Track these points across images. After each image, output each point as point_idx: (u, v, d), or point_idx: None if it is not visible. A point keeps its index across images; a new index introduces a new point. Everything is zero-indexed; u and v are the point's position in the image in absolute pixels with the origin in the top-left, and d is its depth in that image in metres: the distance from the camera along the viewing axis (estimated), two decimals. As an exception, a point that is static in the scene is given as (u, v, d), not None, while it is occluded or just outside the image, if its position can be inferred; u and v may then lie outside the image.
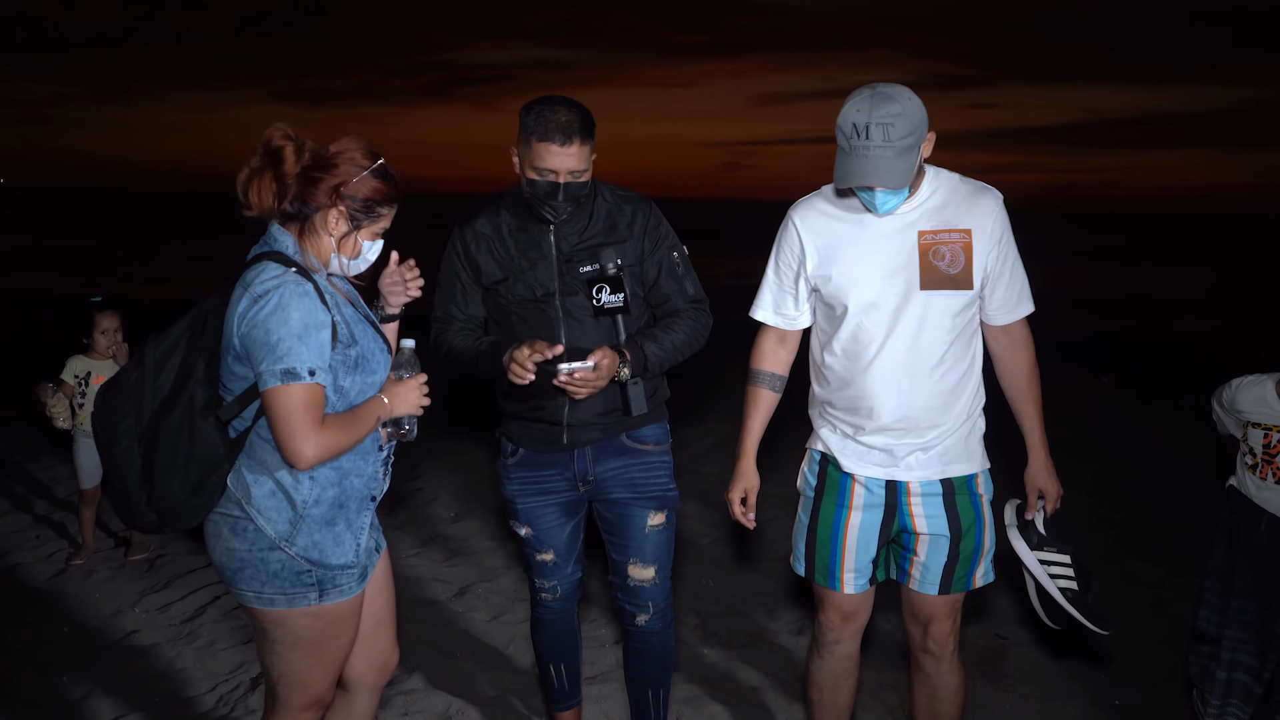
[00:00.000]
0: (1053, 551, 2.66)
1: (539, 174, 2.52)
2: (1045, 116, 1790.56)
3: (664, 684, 2.93)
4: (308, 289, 2.05)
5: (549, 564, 2.83)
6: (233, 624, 3.93)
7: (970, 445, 2.59)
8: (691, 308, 2.73)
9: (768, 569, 4.69)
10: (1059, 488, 2.65)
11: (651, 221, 2.69)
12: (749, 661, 3.78)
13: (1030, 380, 2.61)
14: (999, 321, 2.56)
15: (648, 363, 2.60)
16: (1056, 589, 2.64)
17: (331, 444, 2.05)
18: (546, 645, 2.97)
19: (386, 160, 2.17)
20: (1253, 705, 2.96)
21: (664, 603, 2.83)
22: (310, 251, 2.14)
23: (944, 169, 2.53)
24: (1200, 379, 9.35)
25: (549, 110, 2.49)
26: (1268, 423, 2.91)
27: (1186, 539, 5.03)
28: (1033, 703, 3.54)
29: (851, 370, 2.55)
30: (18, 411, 6.43)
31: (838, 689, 2.79)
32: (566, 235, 2.63)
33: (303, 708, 2.26)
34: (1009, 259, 2.50)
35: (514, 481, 2.78)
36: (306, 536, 2.12)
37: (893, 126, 2.26)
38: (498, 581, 4.44)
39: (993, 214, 2.46)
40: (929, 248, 2.45)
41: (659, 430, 2.79)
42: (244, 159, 2.12)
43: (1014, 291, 2.53)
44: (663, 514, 2.77)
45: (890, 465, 2.57)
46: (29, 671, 3.54)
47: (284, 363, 1.98)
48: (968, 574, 2.61)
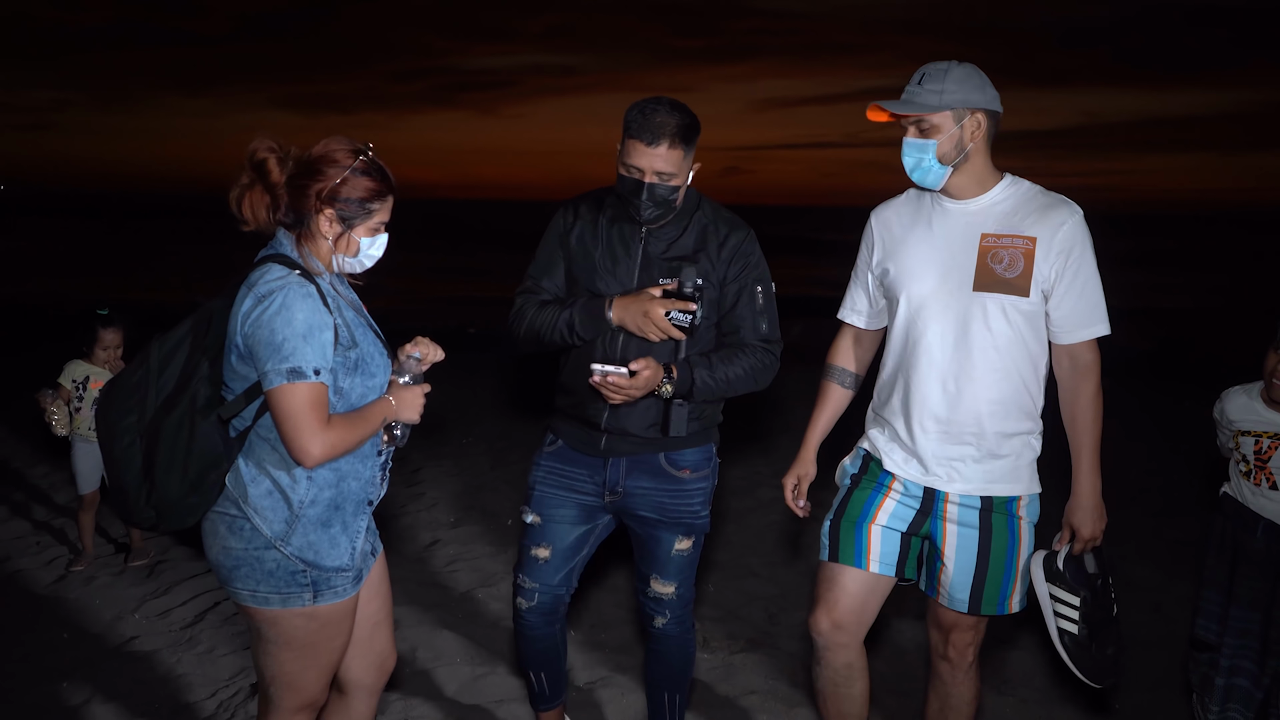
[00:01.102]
0: (1064, 589, 2.55)
1: (627, 170, 2.52)
2: (1045, 120, 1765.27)
3: (680, 688, 2.93)
4: (310, 291, 2.07)
5: (540, 561, 2.76)
6: (232, 630, 3.93)
7: (1018, 466, 2.52)
8: (760, 345, 2.65)
9: (769, 574, 4.69)
10: (1093, 530, 2.53)
11: (745, 248, 2.64)
12: (749, 666, 3.77)
13: (1088, 408, 2.51)
14: (1063, 340, 2.48)
15: (694, 386, 2.55)
16: (1055, 628, 2.56)
17: (337, 442, 2.07)
18: (526, 655, 2.92)
19: (375, 154, 2.16)
20: (1253, 709, 2.96)
21: (683, 611, 2.83)
22: (312, 255, 2.16)
23: (1026, 181, 2.50)
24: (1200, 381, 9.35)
25: (649, 109, 2.48)
26: (1257, 429, 2.93)
27: (1186, 541, 5.03)
28: (1033, 707, 3.54)
29: (900, 366, 2.55)
30: (17, 417, 6.43)
31: (840, 698, 2.68)
32: (655, 241, 2.61)
33: (295, 710, 2.26)
34: (1080, 275, 2.42)
35: (542, 469, 2.76)
36: (302, 537, 2.13)
37: (931, 77, 2.40)
38: (498, 587, 4.44)
39: (1064, 226, 2.40)
40: (989, 250, 2.43)
41: (699, 455, 2.71)
42: (234, 176, 2.14)
43: (1082, 309, 2.44)
44: (689, 540, 2.75)
45: (930, 475, 2.52)
46: (29, 677, 3.54)
47: (289, 362, 2.00)
48: (1000, 597, 2.54)
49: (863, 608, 2.61)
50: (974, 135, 2.41)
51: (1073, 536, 2.55)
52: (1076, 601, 2.54)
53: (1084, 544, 2.54)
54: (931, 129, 2.40)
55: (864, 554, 2.58)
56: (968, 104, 2.39)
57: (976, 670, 2.68)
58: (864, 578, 2.59)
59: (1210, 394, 3.17)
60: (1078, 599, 2.54)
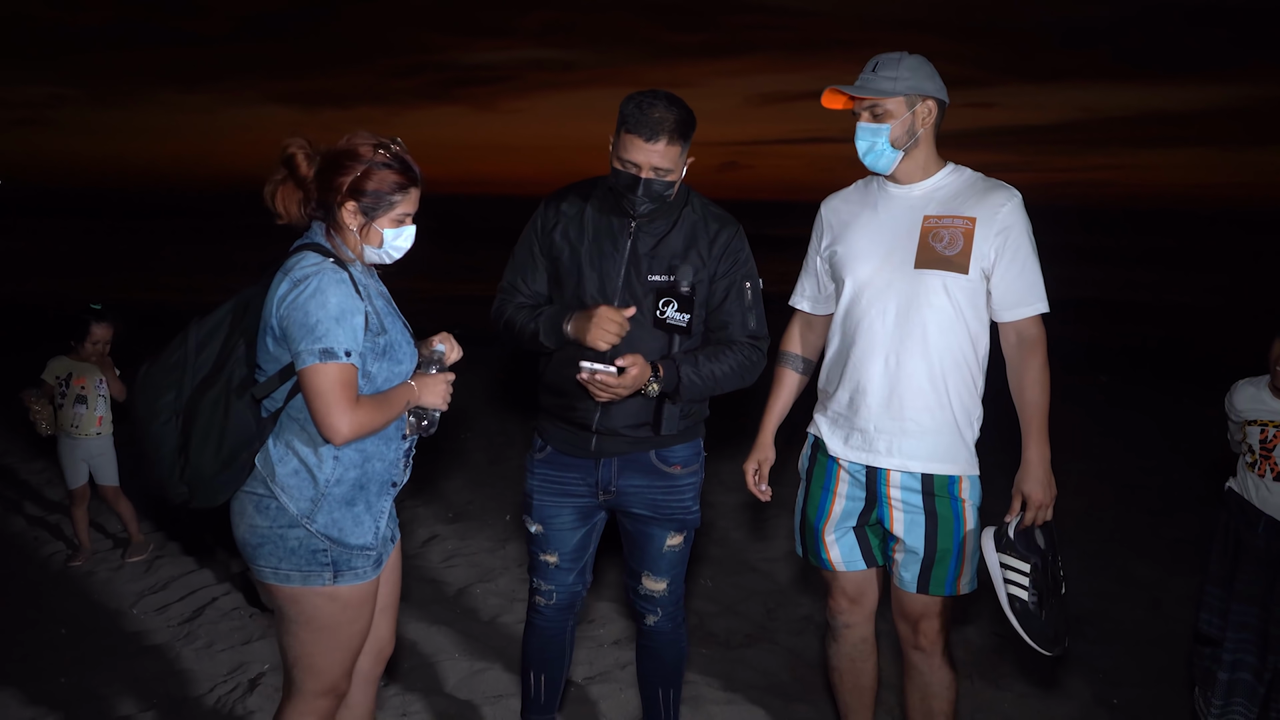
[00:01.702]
0: (1015, 558, 2.60)
1: (623, 165, 2.50)
2: (1043, 116, 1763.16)
3: (674, 684, 2.93)
4: (343, 277, 2.17)
5: (551, 566, 2.79)
6: (231, 625, 3.93)
7: (957, 445, 2.58)
8: (748, 342, 2.65)
9: (766, 569, 4.69)
10: (1044, 497, 2.55)
11: (734, 244, 2.63)
12: (747, 661, 3.77)
13: (1035, 382, 2.56)
14: (1005, 317, 2.57)
15: (680, 384, 2.55)
16: (1006, 594, 2.59)
17: (365, 421, 2.15)
18: (532, 651, 2.92)
19: (400, 149, 2.23)
20: (1256, 704, 2.97)
21: (674, 607, 2.83)
22: (342, 244, 2.25)
23: (969, 169, 2.61)
24: (1199, 380, 9.39)
25: (646, 103, 2.46)
26: (1263, 419, 2.96)
27: (1185, 538, 5.04)
28: (1032, 701, 3.55)
29: (844, 344, 2.64)
30: (13, 416, 6.42)
31: (857, 671, 2.86)
32: (645, 236, 2.59)
33: (317, 694, 2.30)
34: (1019, 254, 2.51)
35: (536, 477, 2.76)
36: (327, 514, 2.21)
37: (884, 65, 2.52)
38: (495, 583, 4.44)
39: (1003, 206, 2.51)
40: (930, 230, 2.53)
41: (689, 451, 2.73)
42: (269, 173, 2.25)
43: (1020, 287, 2.53)
44: (681, 535, 2.76)
45: (872, 450, 2.59)
46: (27, 673, 3.54)
47: (322, 343, 2.10)
48: (947, 577, 2.61)
49: (862, 593, 2.78)
50: (924, 121, 2.53)
51: (1024, 506, 2.59)
52: (1027, 568, 2.60)
53: (1035, 511, 2.56)
54: (885, 114, 2.51)
55: (826, 560, 2.75)
56: (920, 91, 2.52)
57: (949, 655, 2.73)
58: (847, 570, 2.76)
59: (1209, 393, 3.18)
60: (1028, 565, 2.61)
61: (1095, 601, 4.35)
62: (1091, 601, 4.32)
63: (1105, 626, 4.12)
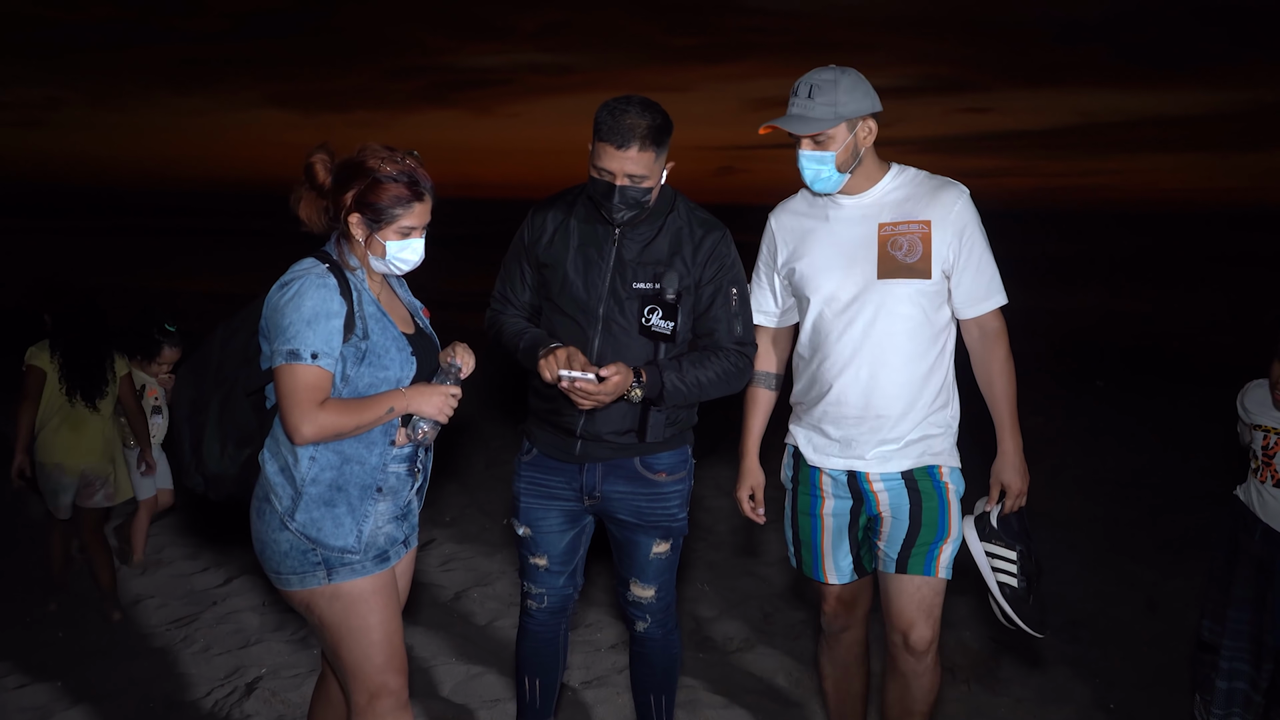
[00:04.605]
0: (1000, 546, 2.66)
1: (599, 173, 2.49)
2: (1039, 120, 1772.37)
3: (667, 690, 2.91)
4: (328, 281, 2.19)
5: (541, 569, 2.79)
6: (228, 629, 3.93)
7: (936, 446, 2.61)
8: (734, 348, 2.62)
9: (763, 573, 4.69)
10: (1021, 484, 2.63)
11: (720, 249, 2.61)
12: (744, 665, 3.78)
13: (1002, 373, 2.62)
14: (967, 314, 2.60)
15: (664, 391, 2.53)
16: (995, 583, 2.66)
17: (328, 425, 2.16)
18: (526, 655, 2.90)
19: (414, 162, 2.26)
20: (1254, 713, 2.97)
21: (664, 614, 2.82)
22: (349, 253, 2.28)
23: (911, 168, 2.62)
24: (1196, 381, 9.38)
25: (619, 110, 2.44)
26: (1267, 424, 2.95)
27: (1182, 539, 5.05)
28: (1028, 706, 3.55)
29: (814, 360, 2.66)
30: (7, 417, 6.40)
31: (850, 677, 2.89)
32: (629, 243, 2.58)
33: (368, 701, 2.27)
34: (975, 251, 2.55)
35: (523, 480, 2.76)
36: (305, 513, 2.23)
37: (820, 90, 2.48)
38: (493, 586, 4.44)
39: (955, 206, 2.54)
40: (888, 238, 2.55)
41: (675, 458, 2.70)
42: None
43: (981, 283, 2.57)
44: (667, 543, 2.73)
45: (851, 457, 2.62)
46: (24, 676, 3.54)
47: (290, 344, 2.14)
48: (927, 556, 2.60)
49: (855, 598, 2.83)
50: (866, 140, 2.54)
51: (1002, 494, 2.65)
52: (1014, 555, 2.66)
53: (1014, 498, 2.64)
54: (828, 140, 2.51)
55: (822, 573, 2.78)
56: (859, 112, 2.50)
57: (938, 659, 2.74)
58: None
59: (1205, 394, 3.18)
60: (1014, 552, 2.66)
61: (1092, 603, 4.35)
62: (1089, 603, 4.33)
63: (1102, 628, 4.13)
